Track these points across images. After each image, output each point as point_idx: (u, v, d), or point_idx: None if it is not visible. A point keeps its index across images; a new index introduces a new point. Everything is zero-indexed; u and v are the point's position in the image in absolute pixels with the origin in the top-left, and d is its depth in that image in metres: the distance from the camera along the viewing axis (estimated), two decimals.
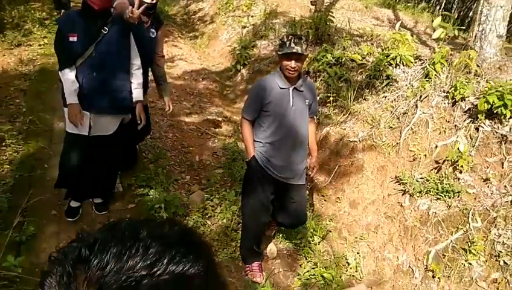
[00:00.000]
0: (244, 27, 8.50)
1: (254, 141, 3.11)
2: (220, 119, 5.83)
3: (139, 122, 3.24)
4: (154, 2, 3.41)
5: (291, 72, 2.89)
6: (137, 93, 3.20)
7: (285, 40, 2.87)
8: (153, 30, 3.62)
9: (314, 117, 3.36)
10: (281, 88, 2.97)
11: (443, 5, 13.35)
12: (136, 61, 3.18)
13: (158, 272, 0.49)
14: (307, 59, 6.24)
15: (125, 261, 0.49)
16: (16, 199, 3.46)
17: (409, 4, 13.09)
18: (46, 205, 3.58)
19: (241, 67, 7.49)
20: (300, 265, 3.62)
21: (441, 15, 6.05)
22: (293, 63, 2.85)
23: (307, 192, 4.12)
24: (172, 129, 5.24)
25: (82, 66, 2.98)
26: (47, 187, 3.76)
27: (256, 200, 3.19)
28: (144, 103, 3.47)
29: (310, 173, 3.37)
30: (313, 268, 3.46)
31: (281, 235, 3.80)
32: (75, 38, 2.91)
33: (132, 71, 3.17)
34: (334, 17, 6.83)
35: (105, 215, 3.59)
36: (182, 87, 6.69)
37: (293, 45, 2.81)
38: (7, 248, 2.94)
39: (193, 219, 3.74)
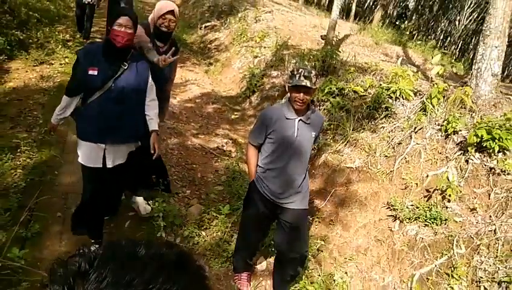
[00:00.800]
0: (255, 57, 8.88)
1: (257, 165, 3.20)
2: (225, 141, 6.09)
3: (152, 151, 3.23)
4: (170, 31, 3.53)
5: (299, 104, 2.92)
6: (152, 124, 3.25)
7: (295, 72, 2.90)
8: (170, 55, 3.62)
9: (314, 147, 3.44)
10: (287, 118, 3.02)
11: (458, 45, 13.69)
12: (152, 94, 3.24)
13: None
14: None
15: (122, 277, 0.51)
16: (25, 200, 3.70)
17: (419, 42, 13.46)
18: (53, 207, 3.82)
19: (251, 94, 7.81)
20: None
21: (442, 52, 6.31)
22: (301, 96, 2.89)
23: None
24: (178, 147, 5.50)
25: (100, 99, 3.01)
26: (55, 191, 4.02)
27: (252, 219, 3.32)
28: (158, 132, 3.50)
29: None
30: (298, 282, 3.60)
31: (271, 250, 3.95)
32: (95, 72, 2.96)
33: (147, 102, 3.22)
34: (340, 51, 7.15)
35: (106, 221, 3.77)
36: (191, 110, 7.00)
37: (302, 78, 2.84)
38: (13, 241, 3.18)
39: (189, 229, 3.93)
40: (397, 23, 23.11)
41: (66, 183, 4.18)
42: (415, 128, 4.75)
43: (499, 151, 4.09)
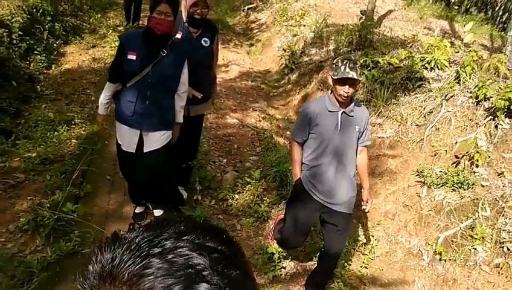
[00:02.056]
0: (295, 35, 9.00)
1: (302, 163, 3.08)
2: (262, 116, 6.35)
3: (172, 141, 3.37)
4: (202, 16, 3.46)
5: (344, 97, 2.78)
6: (177, 116, 3.34)
7: (340, 64, 2.73)
8: (206, 39, 3.64)
9: (366, 146, 3.12)
10: (329, 111, 2.89)
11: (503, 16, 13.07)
12: (184, 86, 3.28)
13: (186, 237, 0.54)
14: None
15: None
16: (79, 165, 4.16)
17: (468, 16, 12.96)
18: (103, 171, 4.28)
19: (289, 72, 7.97)
20: None
21: (492, 24, 6.16)
22: (346, 88, 2.73)
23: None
24: (216, 121, 5.83)
25: (137, 85, 3.08)
26: (105, 158, 4.48)
27: (295, 219, 3.17)
28: (206, 111, 3.80)
29: (364, 206, 3.18)
30: None
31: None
32: (134, 57, 3.01)
33: (179, 93, 3.27)
34: (378, 25, 7.14)
35: None
36: (231, 87, 7.30)
37: (348, 69, 2.68)
38: (68, 199, 3.63)
39: (223, 193, 4.26)
40: None
41: (114, 151, 4.56)
42: (446, 95, 4.78)
43: None
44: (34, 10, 6.84)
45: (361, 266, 3.84)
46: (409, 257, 3.95)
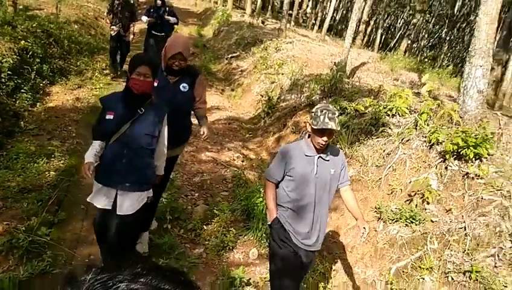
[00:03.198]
0: (272, 82, 9.55)
1: (277, 205, 3.12)
2: (236, 155, 6.69)
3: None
4: (180, 68, 3.62)
5: (321, 145, 2.89)
6: (159, 169, 3.42)
7: (319, 113, 2.83)
8: (185, 84, 3.73)
9: (348, 184, 3.22)
10: (306, 155, 2.98)
11: None
12: (162, 142, 3.30)
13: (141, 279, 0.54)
14: None
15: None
16: (56, 195, 4.39)
17: (437, 69, 13.77)
18: (78, 200, 4.50)
19: (265, 116, 8.42)
20: None
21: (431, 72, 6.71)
22: (325, 138, 2.85)
23: None
24: (192, 158, 6.15)
25: (115, 143, 3.11)
26: (81, 189, 4.72)
27: (285, 261, 3.11)
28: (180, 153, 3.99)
29: (361, 234, 3.10)
30: None
31: (263, 242, 4.44)
32: (111, 116, 3.07)
33: (157, 150, 3.28)
34: (348, 76, 7.69)
35: None
36: (210, 128, 7.67)
37: (327, 120, 2.79)
38: (43, 224, 3.85)
39: (192, 223, 4.51)
40: (426, 53, 23.54)
41: (91, 183, 4.86)
42: (403, 139, 5.19)
43: (475, 159, 4.47)
44: (24, 52, 7.24)
45: None
46: (363, 287, 4.19)
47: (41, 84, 7.42)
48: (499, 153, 4.64)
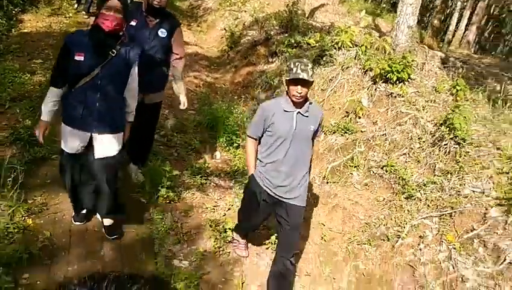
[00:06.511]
0: (236, 19, 10.17)
1: (257, 159, 3.28)
2: (201, 82, 7.44)
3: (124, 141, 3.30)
4: (160, 5, 3.61)
5: (297, 97, 2.96)
6: (129, 116, 3.26)
7: (292, 66, 2.93)
8: (163, 30, 3.71)
9: (317, 139, 3.43)
10: (285, 111, 3.06)
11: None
12: (134, 83, 3.16)
13: None
14: (275, 42, 7.89)
15: None
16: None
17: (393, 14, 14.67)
18: None
19: (229, 50, 9.13)
20: None
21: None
22: (299, 89, 2.92)
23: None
24: None
25: (85, 86, 2.92)
26: None
27: (252, 208, 3.40)
28: (160, 99, 4.09)
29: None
30: None
31: (226, 147, 5.34)
32: (81, 58, 2.86)
33: (130, 94, 3.17)
34: (308, 16, 8.43)
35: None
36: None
37: (299, 71, 2.87)
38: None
39: (164, 131, 5.33)
40: None
41: None
42: (343, 67, 6.11)
43: (398, 82, 5.46)
44: None
45: None
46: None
47: (13, 12, 7.77)
48: (419, 78, 5.64)
